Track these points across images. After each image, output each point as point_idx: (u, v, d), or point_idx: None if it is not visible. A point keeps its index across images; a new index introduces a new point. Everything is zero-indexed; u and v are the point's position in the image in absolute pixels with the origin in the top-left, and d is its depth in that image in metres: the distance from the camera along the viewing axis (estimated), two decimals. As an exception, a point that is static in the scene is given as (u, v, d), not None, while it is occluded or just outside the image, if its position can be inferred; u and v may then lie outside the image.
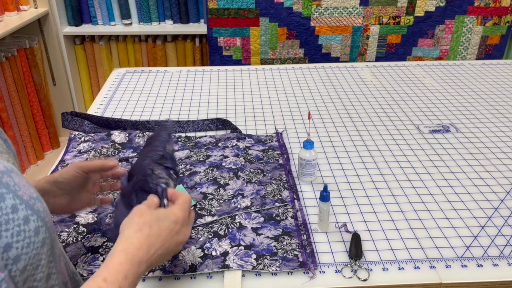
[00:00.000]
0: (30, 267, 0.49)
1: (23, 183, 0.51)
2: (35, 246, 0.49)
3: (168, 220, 0.66)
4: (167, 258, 0.69)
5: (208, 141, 1.25)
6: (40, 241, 0.50)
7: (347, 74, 1.74)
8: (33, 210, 0.50)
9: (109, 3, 2.42)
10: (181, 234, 0.68)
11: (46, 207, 0.54)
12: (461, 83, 1.66)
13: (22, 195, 0.50)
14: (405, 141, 1.27)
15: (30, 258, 0.49)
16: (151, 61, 2.52)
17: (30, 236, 0.49)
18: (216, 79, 1.69)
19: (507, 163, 1.17)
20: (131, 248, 0.60)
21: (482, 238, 0.92)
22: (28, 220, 0.49)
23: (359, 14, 2.23)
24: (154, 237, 0.63)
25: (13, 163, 0.60)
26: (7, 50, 2.24)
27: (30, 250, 0.49)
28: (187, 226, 0.69)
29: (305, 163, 1.06)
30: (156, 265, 0.68)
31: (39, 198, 0.53)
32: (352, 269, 0.84)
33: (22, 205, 0.49)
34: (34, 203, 0.51)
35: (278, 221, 0.94)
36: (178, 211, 0.68)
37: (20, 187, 0.50)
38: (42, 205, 0.52)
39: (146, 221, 0.64)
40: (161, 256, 0.65)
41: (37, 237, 0.50)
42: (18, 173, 0.53)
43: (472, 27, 2.25)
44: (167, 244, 0.65)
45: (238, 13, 2.20)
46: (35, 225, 0.50)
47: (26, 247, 0.48)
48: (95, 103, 1.50)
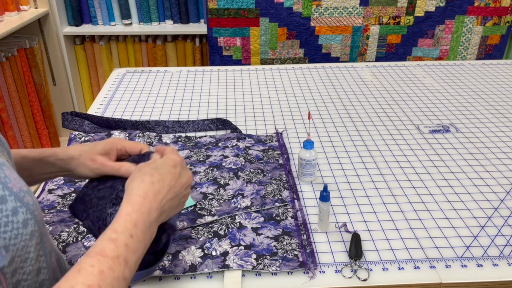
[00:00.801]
0: (18, 259, 0.49)
1: (13, 176, 0.51)
2: (23, 238, 0.49)
3: (167, 166, 0.67)
4: (181, 205, 0.69)
5: (208, 141, 1.25)
6: (29, 233, 0.50)
7: (347, 74, 1.74)
8: (23, 202, 0.50)
9: (109, 3, 2.42)
10: (184, 175, 0.69)
11: (37, 202, 0.54)
12: (461, 83, 1.66)
13: (12, 187, 0.50)
14: (405, 141, 1.27)
15: (18, 249, 0.49)
16: (151, 61, 2.52)
17: (18, 228, 0.48)
18: (216, 79, 1.69)
19: (507, 163, 1.17)
20: (137, 198, 0.61)
21: (482, 238, 0.92)
22: (16, 211, 0.49)
23: (359, 14, 2.23)
24: (158, 184, 0.64)
25: (7, 160, 0.60)
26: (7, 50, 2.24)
27: (18, 241, 0.48)
28: (186, 169, 0.70)
29: (305, 163, 1.06)
30: (171, 213, 0.67)
31: (30, 192, 0.53)
32: (352, 269, 0.84)
33: (12, 197, 0.49)
34: (24, 196, 0.51)
35: (278, 221, 0.94)
36: (172, 156, 0.69)
37: (11, 180, 0.50)
38: (32, 199, 0.52)
39: (146, 171, 0.65)
40: (172, 201, 0.65)
41: (26, 229, 0.50)
42: (9, 167, 0.53)
43: (472, 27, 2.25)
44: (173, 189, 0.66)
45: (238, 13, 2.20)
46: (23, 217, 0.49)
47: (14, 238, 0.48)
48: (95, 103, 1.50)
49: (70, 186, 1.06)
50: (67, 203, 1.00)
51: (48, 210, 0.98)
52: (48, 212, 0.97)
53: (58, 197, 1.02)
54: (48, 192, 1.04)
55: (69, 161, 0.75)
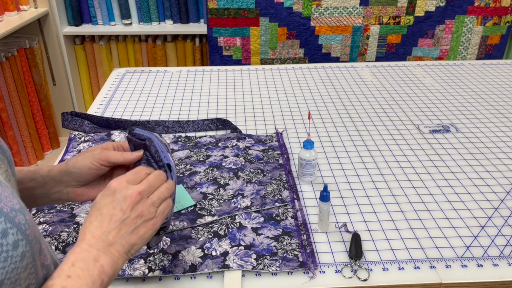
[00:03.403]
0: (7, 281, 0.47)
1: (5, 194, 0.49)
2: (13, 260, 0.47)
3: (104, 196, 0.64)
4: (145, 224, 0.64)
5: (208, 141, 1.25)
6: (19, 255, 0.48)
7: (347, 74, 1.74)
8: (13, 223, 0.48)
9: (109, 3, 2.42)
10: (125, 199, 0.63)
11: (30, 219, 0.52)
12: (461, 83, 1.66)
13: (2, 207, 0.48)
14: (405, 141, 1.27)
15: (7, 272, 0.47)
16: (151, 61, 2.52)
17: (8, 250, 0.47)
18: (216, 79, 1.69)
19: (507, 163, 1.17)
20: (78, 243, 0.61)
21: (482, 238, 0.92)
22: (6, 233, 0.47)
23: (359, 14, 2.23)
24: (96, 221, 0.62)
25: (6, 170, 0.58)
26: (7, 50, 2.24)
27: (7, 264, 0.47)
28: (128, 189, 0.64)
29: (305, 163, 1.06)
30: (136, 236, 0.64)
31: (22, 209, 0.51)
32: (352, 269, 0.84)
33: (1, 218, 0.47)
34: (15, 215, 0.49)
35: (278, 221, 0.94)
36: (111, 183, 0.65)
37: (1, 199, 0.48)
38: (24, 217, 0.50)
39: (90, 211, 0.64)
40: (123, 227, 0.62)
41: (16, 251, 0.48)
42: (2, 183, 0.51)
43: (472, 27, 2.25)
44: (114, 217, 0.62)
45: (238, 13, 2.20)
46: (13, 239, 0.48)
47: (3, 261, 0.46)
48: (95, 103, 1.50)
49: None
50: (67, 203, 1.00)
51: (48, 210, 0.98)
52: (48, 212, 0.97)
53: (58, 197, 1.02)
54: (48, 192, 1.04)
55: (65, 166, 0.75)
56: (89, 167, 0.74)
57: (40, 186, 0.76)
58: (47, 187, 0.76)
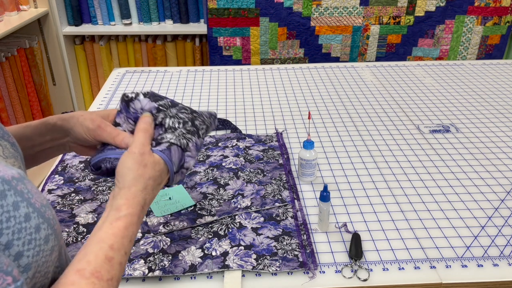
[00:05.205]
0: (38, 274, 0.49)
1: (34, 190, 0.51)
2: (44, 254, 0.50)
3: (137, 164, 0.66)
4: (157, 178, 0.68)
5: (208, 141, 1.25)
6: (49, 249, 0.51)
7: (347, 74, 1.74)
8: (44, 218, 0.50)
9: (109, 3, 2.42)
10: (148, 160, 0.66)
11: (55, 215, 0.54)
12: (461, 83, 1.66)
13: (34, 202, 0.50)
14: (405, 141, 1.27)
15: (39, 265, 0.49)
16: (151, 61, 2.52)
17: (40, 245, 0.49)
18: (216, 79, 1.69)
19: (507, 163, 1.17)
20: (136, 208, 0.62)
21: (482, 238, 0.92)
22: (39, 228, 0.49)
23: (359, 14, 2.23)
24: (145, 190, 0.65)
25: (19, 167, 0.60)
26: (7, 50, 2.24)
27: (39, 258, 0.49)
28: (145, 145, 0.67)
29: (305, 163, 1.06)
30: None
31: (49, 205, 0.53)
32: (352, 269, 0.84)
33: (35, 214, 0.49)
34: (45, 210, 0.51)
35: (278, 221, 0.94)
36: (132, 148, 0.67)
37: (33, 195, 0.50)
38: (51, 213, 0.53)
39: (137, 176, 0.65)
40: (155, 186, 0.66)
41: (47, 245, 0.50)
42: (28, 179, 0.53)
43: (472, 27, 2.25)
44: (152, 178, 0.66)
45: (238, 13, 2.20)
46: (45, 233, 0.50)
47: (36, 255, 0.48)
48: (95, 103, 1.50)
49: (70, 186, 1.06)
50: (67, 203, 1.00)
51: (48, 210, 0.98)
52: (48, 212, 0.97)
53: (58, 197, 1.02)
54: (48, 192, 1.04)
55: (69, 119, 0.74)
56: (82, 136, 0.74)
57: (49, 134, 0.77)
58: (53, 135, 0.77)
